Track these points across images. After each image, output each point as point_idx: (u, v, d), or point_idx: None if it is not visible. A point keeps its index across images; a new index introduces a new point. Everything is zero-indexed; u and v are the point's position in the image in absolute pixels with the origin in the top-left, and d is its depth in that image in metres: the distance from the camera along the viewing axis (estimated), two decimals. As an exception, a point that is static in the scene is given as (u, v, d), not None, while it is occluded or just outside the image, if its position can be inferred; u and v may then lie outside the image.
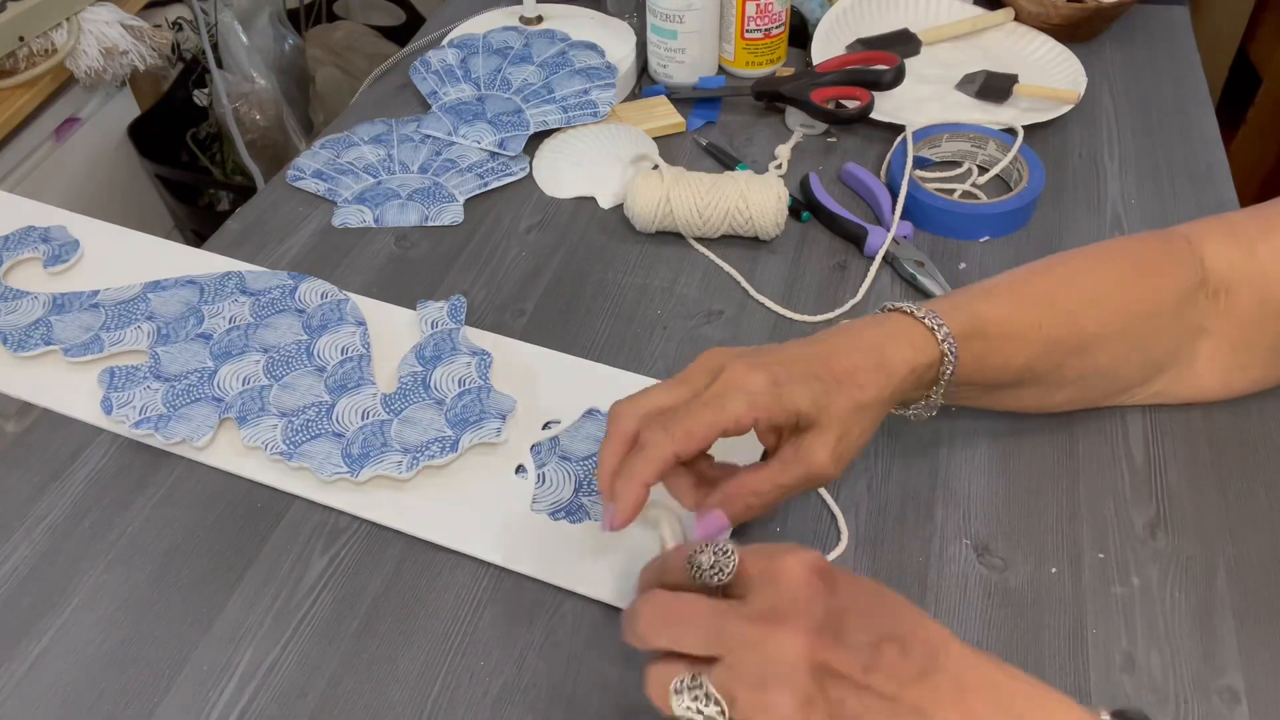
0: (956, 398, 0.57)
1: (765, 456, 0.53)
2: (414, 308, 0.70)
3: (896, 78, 0.86)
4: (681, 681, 0.38)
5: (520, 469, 0.60)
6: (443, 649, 0.52)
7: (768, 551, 0.39)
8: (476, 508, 0.58)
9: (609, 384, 0.65)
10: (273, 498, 0.59)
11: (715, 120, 0.91)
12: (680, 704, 0.37)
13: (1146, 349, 0.59)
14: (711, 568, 0.39)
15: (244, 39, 1.48)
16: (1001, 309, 0.55)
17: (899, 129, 0.85)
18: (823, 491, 0.59)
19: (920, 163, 0.82)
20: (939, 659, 0.37)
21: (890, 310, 0.55)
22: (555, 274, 0.75)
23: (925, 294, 0.72)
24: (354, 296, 0.70)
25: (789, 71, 0.95)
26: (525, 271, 0.75)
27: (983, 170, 0.83)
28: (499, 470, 0.60)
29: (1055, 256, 0.60)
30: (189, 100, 1.50)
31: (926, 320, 0.52)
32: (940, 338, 0.52)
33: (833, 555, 0.56)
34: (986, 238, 0.77)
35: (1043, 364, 0.56)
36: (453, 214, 0.80)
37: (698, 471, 0.51)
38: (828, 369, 0.49)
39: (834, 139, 0.88)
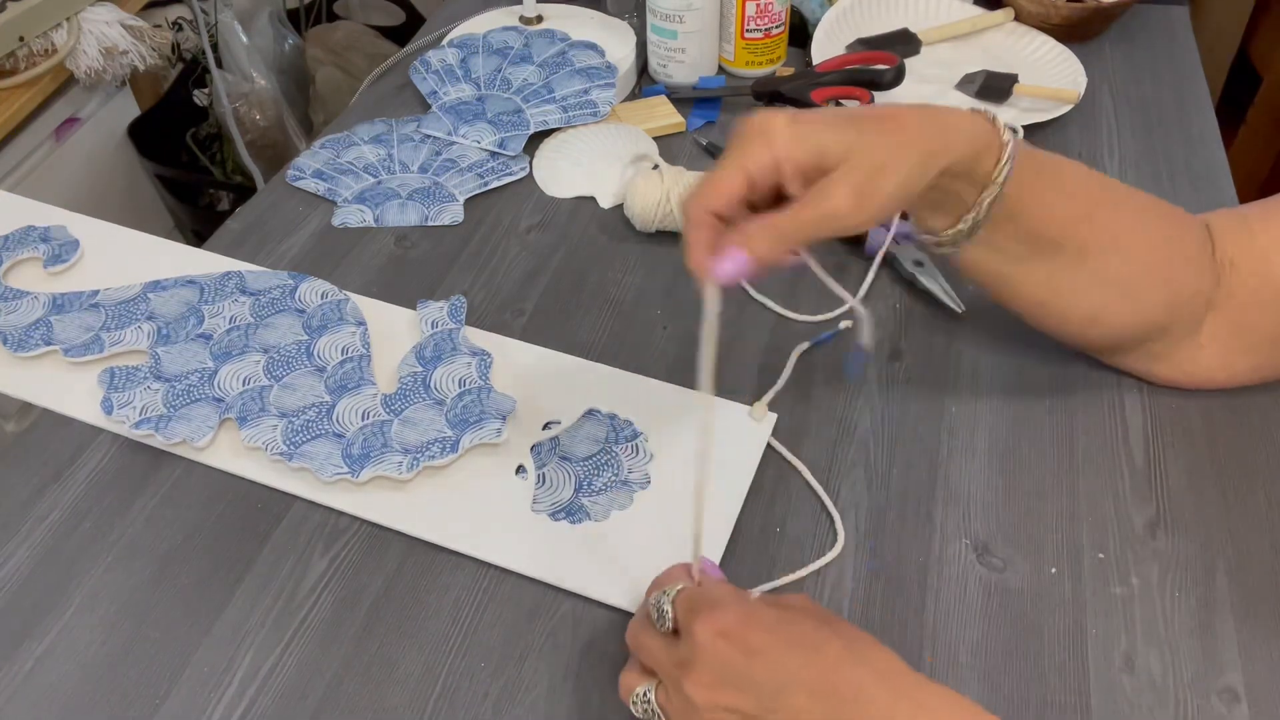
0: (993, 246, 0.55)
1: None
2: (414, 308, 0.70)
3: (896, 78, 0.86)
4: (639, 691, 0.46)
5: (520, 469, 0.60)
6: (443, 650, 0.52)
7: (692, 607, 0.44)
8: (477, 508, 0.58)
9: (609, 384, 0.65)
10: (273, 498, 0.59)
11: (715, 120, 0.91)
12: (635, 708, 0.46)
13: (1171, 282, 0.58)
14: (656, 620, 0.46)
15: (244, 39, 1.48)
16: (1058, 159, 0.55)
17: (899, 129, 0.85)
18: (821, 493, 0.59)
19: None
20: (848, 707, 0.41)
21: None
22: (555, 274, 0.75)
23: (925, 294, 0.72)
24: (354, 296, 0.70)
25: (789, 71, 0.95)
26: (525, 271, 0.75)
27: (1003, 123, 0.83)
28: (499, 471, 0.60)
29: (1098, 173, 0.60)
30: (189, 100, 1.50)
31: (994, 122, 0.51)
32: (1005, 139, 0.51)
33: (829, 557, 0.56)
34: (986, 238, 0.77)
35: (1082, 235, 0.55)
36: (453, 214, 0.80)
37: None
38: (874, 114, 0.47)
39: (834, 139, 0.88)
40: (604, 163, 0.84)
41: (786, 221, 0.45)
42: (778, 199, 0.48)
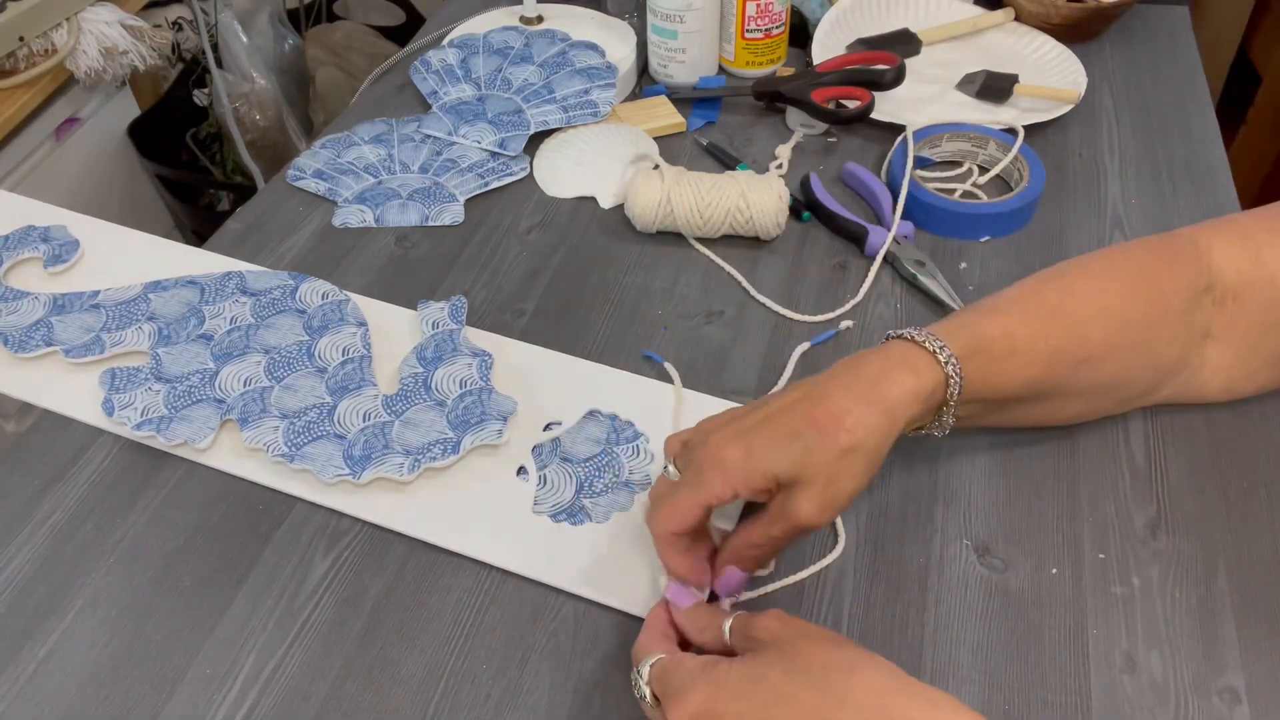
0: (965, 418, 0.56)
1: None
2: (414, 308, 0.70)
3: (896, 78, 0.86)
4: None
5: (521, 471, 0.60)
6: (445, 652, 0.52)
7: (665, 690, 0.44)
8: (478, 510, 0.58)
9: (610, 385, 0.65)
10: (274, 500, 0.59)
11: (715, 120, 0.91)
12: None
13: (1154, 355, 0.59)
14: (640, 699, 0.46)
15: (244, 39, 1.48)
16: (1006, 324, 0.55)
17: (899, 129, 0.85)
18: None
19: (921, 163, 0.82)
20: None
21: (893, 338, 0.54)
22: (555, 274, 0.75)
23: (926, 294, 0.72)
24: (355, 297, 0.70)
25: (789, 71, 0.95)
26: (525, 271, 0.75)
27: (983, 170, 0.83)
28: (500, 472, 0.60)
29: (1058, 267, 0.59)
30: (189, 100, 1.50)
31: (927, 344, 0.52)
32: (943, 360, 0.52)
33: (829, 559, 0.56)
34: (987, 238, 0.77)
35: (1050, 377, 0.56)
36: (453, 214, 0.80)
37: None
38: (811, 419, 0.49)
39: (834, 139, 0.88)
40: (604, 163, 0.84)
41: (760, 538, 0.50)
42: None
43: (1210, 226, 0.60)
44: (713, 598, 0.52)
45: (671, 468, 0.52)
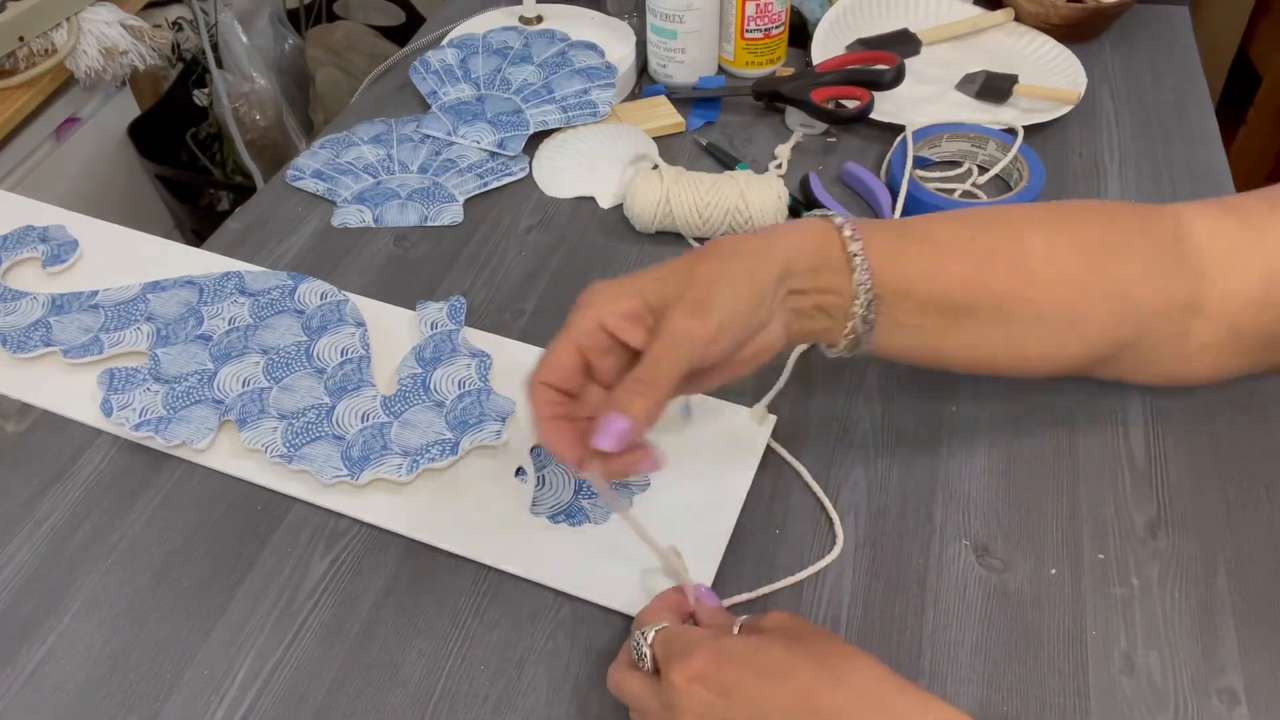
0: (901, 329, 0.53)
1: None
2: (413, 308, 0.70)
3: (896, 78, 0.86)
4: None
5: (520, 472, 0.60)
6: (443, 653, 0.52)
7: (668, 653, 0.45)
8: (476, 511, 0.58)
9: (609, 385, 0.65)
10: (273, 500, 0.59)
11: (715, 120, 0.91)
12: None
13: (1119, 295, 0.54)
14: (637, 661, 0.47)
15: (244, 39, 1.48)
16: (925, 220, 0.54)
17: (899, 129, 0.85)
18: (821, 495, 0.59)
19: (920, 163, 0.82)
20: None
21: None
22: (555, 274, 0.75)
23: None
24: (353, 297, 0.70)
25: (789, 71, 0.95)
26: (525, 272, 0.75)
27: (983, 170, 0.83)
28: (499, 473, 0.60)
29: (1004, 207, 0.56)
30: (189, 100, 1.50)
31: (832, 218, 0.51)
32: (838, 225, 0.50)
33: (828, 559, 0.56)
34: (986, 238, 0.77)
35: (986, 282, 0.52)
36: (452, 214, 0.80)
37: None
38: (689, 255, 0.48)
39: (834, 139, 0.88)
40: (604, 163, 0.84)
41: (645, 370, 0.46)
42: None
43: (1199, 204, 0.58)
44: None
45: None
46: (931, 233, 0.53)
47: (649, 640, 0.46)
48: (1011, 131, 0.83)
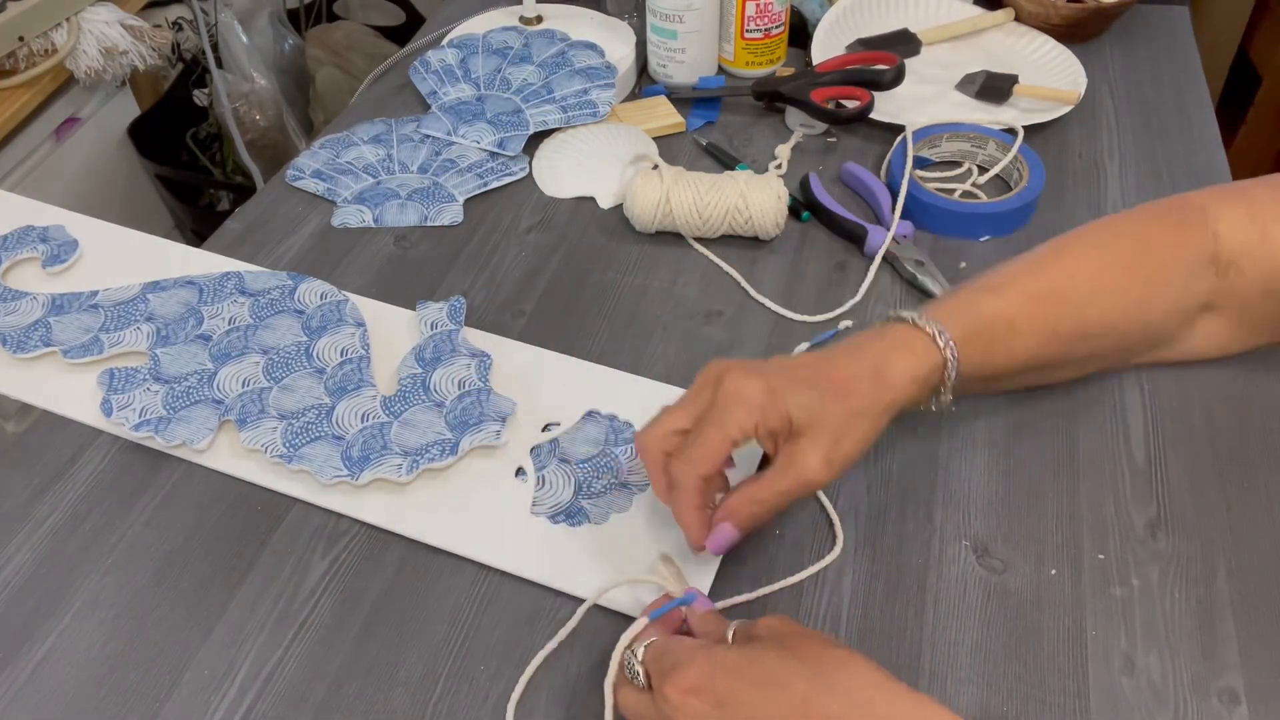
0: (962, 390, 0.57)
1: (764, 464, 0.53)
2: (413, 308, 0.70)
3: (896, 78, 0.86)
4: None
5: (520, 472, 0.60)
6: (443, 653, 0.52)
7: (660, 668, 0.44)
8: (476, 511, 0.58)
9: (609, 385, 0.65)
10: (273, 500, 0.59)
11: (715, 120, 0.91)
12: None
13: (1150, 327, 0.61)
14: (631, 677, 0.46)
15: (244, 39, 1.48)
16: (1005, 306, 0.57)
17: (899, 129, 0.85)
18: (821, 496, 0.59)
19: (920, 163, 0.82)
20: None
21: (893, 319, 0.56)
22: (555, 274, 0.75)
23: (926, 294, 0.72)
24: (353, 297, 0.70)
25: (789, 71, 0.95)
26: (525, 272, 0.75)
27: (983, 170, 0.83)
28: (499, 473, 0.60)
29: (1058, 242, 0.60)
30: (189, 100, 1.50)
31: (928, 328, 0.53)
32: (942, 344, 0.53)
33: (828, 560, 0.56)
34: (987, 237, 0.77)
35: (1048, 353, 0.58)
36: (452, 214, 0.80)
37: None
38: (825, 377, 0.51)
39: (834, 139, 0.88)
40: (604, 163, 0.84)
41: (765, 493, 0.51)
42: None
43: (1222, 194, 0.61)
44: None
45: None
46: (1014, 321, 0.56)
47: (640, 657, 0.46)
48: (1011, 131, 0.83)
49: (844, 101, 0.87)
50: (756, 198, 0.75)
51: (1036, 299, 0.57)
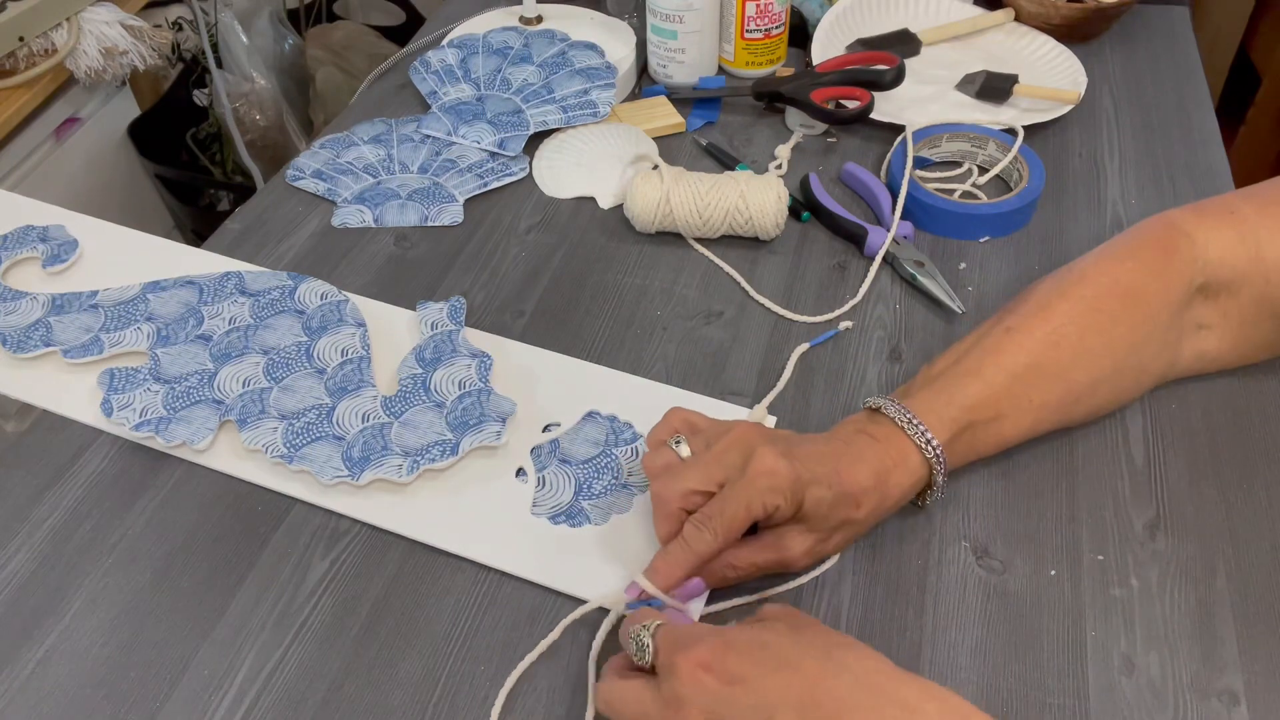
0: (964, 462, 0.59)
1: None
2: (414, 308, 0.70)
3: (896, 78, 0.86)
4: None
5: (520, 472, 0.60)
6: (443, 653, 0.52)
7: (672, 643, 0.44)
8: (476, 511, 0.58)
9: (609, 386, 0.65)
10: (273, 501, 0.59)
11: (715, 120, 0.91)
12: None
13: (1142, 373, 0.61)
14: (636, 654, 0.46)
15: (244, 39, 1.48)
16: (987, 391, 0.56)
17: (899, 129, 0.85)
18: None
19: (920, 163, 0.82)
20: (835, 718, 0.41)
21: (873, 411, 0.56)
22: (555, 274, 0.75)
23: (925, 294, 0.72)
24: (353, 297, 0.70)
25: (789, 71, 0.95)
26: (525, 272, 0.75)
27: (983, 170, 0.83)
28: (499, 474, 0.60)
29: (1040, 300, 0.59)
30: (189, 100, 1.50)
31: (917, 439, 0.54)
32: (930, 456, 0.54)
33: (821, 568, 0.56)
34: (986, 238, 0.77)
35: (1038, 427, 0.58)
36: (452, 214, 0.80)
37: None
38: (839, 479, 0.52)
39: (834, 139, 0.88)
40: (604, 163, 0.84)
41: (743, 563, 0.52)
42: None
43: (1208, 214, 0.60)
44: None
45: (685, 448, 0.53)
46: (1000, 407, 0.56)
47: (651, 631, 0.46)
48: (1011, 132, 0.83)
49: (844, 102, 0.87)
50: (756, 198, 0.75)
51: (1019, 379, 0.56)
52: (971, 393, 0.56)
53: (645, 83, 0.96)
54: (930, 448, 0.54)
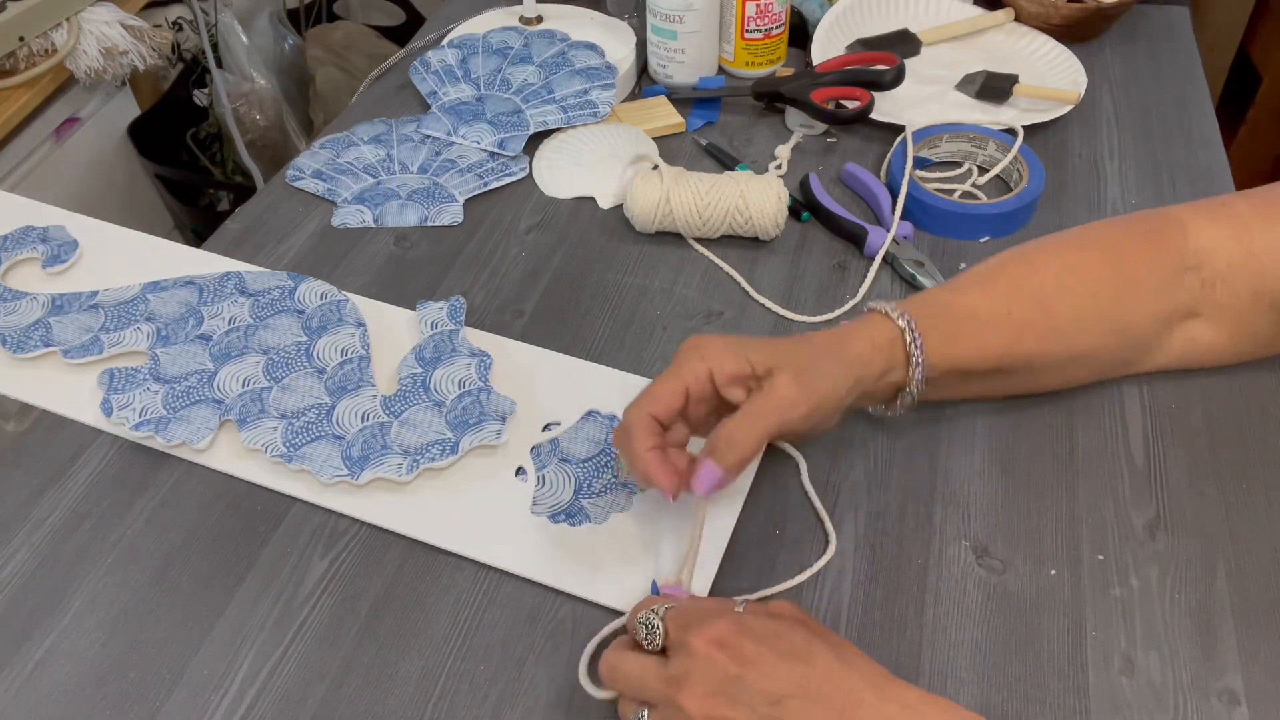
0: (943, 389, 0.59)
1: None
2: (413, 308, 0.70)
3: (896, 78, 0.86)
4: (635, 716, 0.45)
5: (520, 471, 0.60)
6: (443, 653, 0.52)
7: (684, 621, 0.45)
8: (476, 510, 0.58)
9: (608, 385, 0.65)
10: (273, 500, 0.59)
11: (715, 120, 0.91)
12: None
13: (1125, 329, 0.60)
14: (645, 637, 0.46)
15: (244, 39, 1.48)
16: (968, 298, 0.58)
17: (899, 129, 0.85)
18: (815, 498, 0.59)
19: (920, 163, 0.82)
20: (841, 713, 0.42)
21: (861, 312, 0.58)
22: (555, 274, 0.75)
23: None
24: (353, 297, 0.70)
25: (789, 71, 0.95)
26: (525, 272, 0.75)
27: (983, 170, 0.83)
28: (499, 473, 0.60)
29: (1020, 248, 0.62)
30: (189, 100, 1.50)
31: (881, 307, 0.56)
32: (895, 317, 0.55)
33: (822, 561, 0.56)
34: (986, 238, 0.77)
35: (1020, 350, 0.58)
36: (452, 214, 0.80)
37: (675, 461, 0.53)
38: (786, 337, 0.54)
39: (834, 139, 0.88)
40: (604, 163, 0.84)
41: (741, 427, 0.51)
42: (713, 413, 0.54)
43: (1204, 210, 0.61)
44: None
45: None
46: (976, 310, 0.58)
47: (660, 614, 0.46)
48: (1011, 132, 0.83)
49: (844, 102, 0.87)
50: (756, 198, 0.75)
51: (1000, 295, 0.58)
52: (950, 298, 0.58)
53: (645, 83, 0.96)
54: (893, 311, 0.55)
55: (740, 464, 0.51)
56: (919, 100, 0.90)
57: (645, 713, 0.45)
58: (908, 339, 0.55)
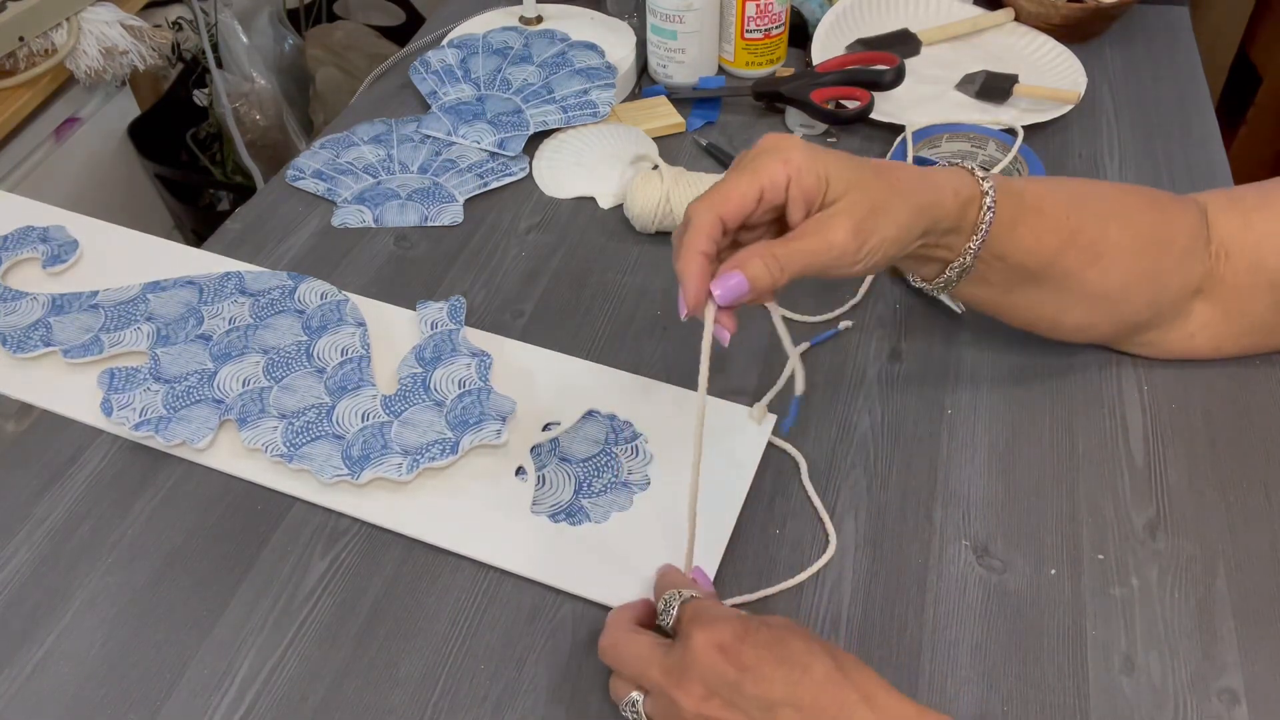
0: (979, 281, 0.58)
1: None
2: (413, 308, 0.70)
3: (896, 78, 0.86)
4: (630, 699, 0.46)
5: (520, 471, 0.60)
6: (443, 652, 0.52)
7: (696, 615, 0.46)
8: (476, 510, 0.58)
9: (609, 385, 0.65)
10: (273, 500, 0.59)
11: (715, 120, 0.91)
12: (626, 714, 0.47)
13: (1157, 281, 0.60)
14: (662, 612, 0.48)
15: (244, 39, 1.48)
16: (1040, 189, 0.58)
17: (899, 129, 0.85)
18: (812, 494, 0.59)
19: (920, 163, 0.82)
20: None
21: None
22: (555, 274, 0.75)
23: (925, 294, 0.72)
24: (354, 297, 0.70)
25: (789, 71, 0.95)
26: (525, 272, 0.75)
27: (983, 170, 0.83)
28: (499, 472, 0.60)
29: (1075, 179, 0.62)
30: (189, 100, 1.50)
31: (970, 166, 0.55)
32: (981, 177, 0.54)
33: (822, 561, 0.56)
34: (986, 238, 0.77)
35: (1063, 263, 0.57)
36: (452, 214, 0.80)
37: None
38: (871, 162, 0.51)
39: (834, 139, 0.88)
40: (604, 163, 0.84)
41: (784, 249, 0.47)
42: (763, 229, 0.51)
43: (1208, 192, 0.64)
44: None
45: None
46: (1043, 204, 0.57)
47: (681, 600, 0.47)
48: (1011, 132, 0.83)
49: (844, 102, 0.87)
50: (756, 198, 0.74)
51: (1064, 200, 0.58)
52: (1025, 184, 0.57)
53: (645, 83, 0.96)
54: (983, 177, 0.54)
55: (770, 289, 0.48)
56: (919, 100, 0.90)
57: (640, 698, 0.46)
58: (985, 202, 0.53)
